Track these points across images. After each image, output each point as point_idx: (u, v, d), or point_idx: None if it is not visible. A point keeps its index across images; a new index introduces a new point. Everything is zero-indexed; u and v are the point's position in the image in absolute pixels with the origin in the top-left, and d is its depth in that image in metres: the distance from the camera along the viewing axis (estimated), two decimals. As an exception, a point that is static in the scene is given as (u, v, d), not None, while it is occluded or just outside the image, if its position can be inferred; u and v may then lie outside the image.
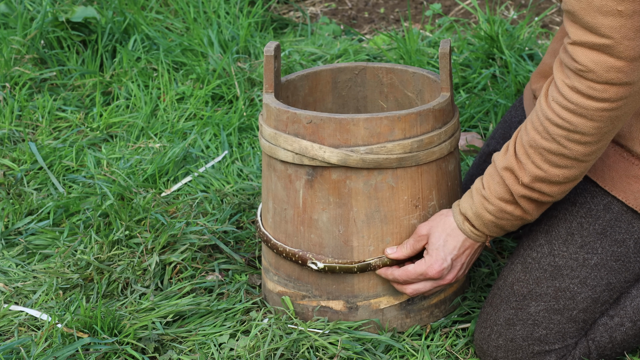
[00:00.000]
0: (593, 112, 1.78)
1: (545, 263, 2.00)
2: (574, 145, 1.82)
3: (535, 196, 1.91)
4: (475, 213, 1.97)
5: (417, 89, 2.27)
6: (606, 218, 1.98)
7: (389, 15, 4.01)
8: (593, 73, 1.74)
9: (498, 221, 1.96)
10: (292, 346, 2.08)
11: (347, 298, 2.14)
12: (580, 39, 1.74)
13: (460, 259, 2.03)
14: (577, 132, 1.81)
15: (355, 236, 2.08)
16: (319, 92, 2.32)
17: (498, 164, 1.94)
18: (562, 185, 1.89)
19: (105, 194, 2.63)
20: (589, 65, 1.74)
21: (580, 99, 1.78)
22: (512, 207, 1.94)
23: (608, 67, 1.73)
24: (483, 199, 1.95)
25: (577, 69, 1.76)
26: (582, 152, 1.83)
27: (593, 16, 1.71)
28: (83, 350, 2.08)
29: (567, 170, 1.86)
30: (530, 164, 1.87)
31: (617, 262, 1.98)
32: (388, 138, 2.02)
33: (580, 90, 1.77)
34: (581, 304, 1.98)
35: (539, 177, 1.88)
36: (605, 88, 1.75)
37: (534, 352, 1.99)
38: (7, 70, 3.36)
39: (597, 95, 1.76)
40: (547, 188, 1.89)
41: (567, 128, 1.81)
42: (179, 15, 3.76)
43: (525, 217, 1.95)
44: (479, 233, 2.00)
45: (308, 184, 2.07)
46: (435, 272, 2.02)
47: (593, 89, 1.76)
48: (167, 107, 3.18)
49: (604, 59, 1.73)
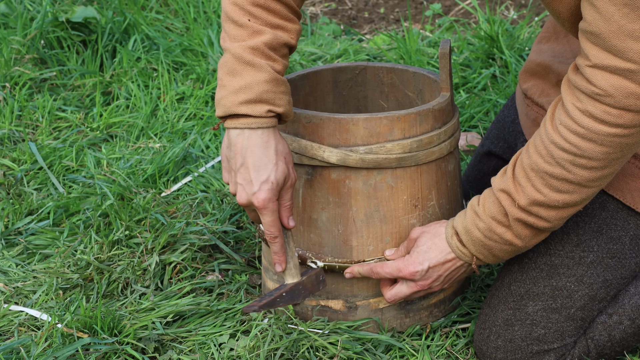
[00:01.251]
0: (604, 137, 1.74)
1: (542, 262, 2.00)
2: (579, 170, 1.79)
3: (531, 220, 1.87)
4: (465, 228, 1.95)
5: (418, 89, 2.27)
6: (602, 216, 1.98)
7: (389, 15, 4.02)
8: (612, 98, 1.71)
9: (486, 241, 1.93)
10: (292, 346, 2.08)
11: (347, 297, 2.13)
12: (603, 63, 1.70)
13: (437, 270, 2.00)
14: (584, 157, 1.78)
15: (355, 236, 2.08)
16: (320, 91, 2.32)
17: (495, 186, 1.92)
18: (561, 210, 1.86)
19: (105, 194, 2.63)
20: (609, 89, 1.70)
21: (593, 123, 1.74)
22: (503, 230, 1.90)
23: (628, 93, 1.70)
24: (475, 215, 1.93)
25: (594, 93, 1.72)
26: (587, 178, 1.80)
27: (622, 40, 1.67)
28: (83, 350, 2.08)
29: (568, 196, 1.83)
30: (530, 187, 1.85)
31: (613, 259, 1.98)
32: (387, 138, 2.02)
33: (594, 114, 1.73)
34: (578, 302, 1.98)
35: (538, 201, 1.85)
36: (621, 114, 1.72)
37: (533, 351, 1.99)
38: (7, 70, 3.36)
39: (612, 121, 1.73)
40: (545, 212, 1.86)
41: (574, 153, 1.78)
42: (179, 15, 3.77)
43: (515, 242, 1.91)
44: (465, 250, 1.97)
45: (307, 183, 2.07)
46: (408, 273, 2.01)
47: (608, 114, 1.72)
48: (167, 107, 3.18)
49: (625, 84, 1.69)
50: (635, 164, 1.95)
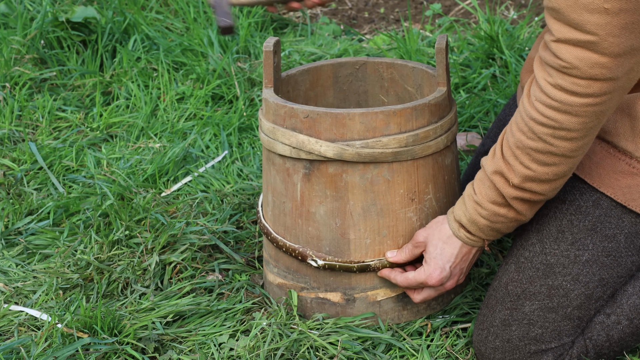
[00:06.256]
0: (578, 108, 1.78)
1: (538, 262, 2.00)
2: (561, 142, 1.83)
3: (527, 196, 1.91)
4: (470, 219, 1.97)
5: (417, 84, 2.29)
6: (595, 214, 1.99)
7: (389, 15, 4.02)
8: (577, 69, 1.75)
9: (493, 225, 1.96)
10: (292, 346, 2.08)
11: (345, 290, 2.15)
12: (565, 36, 1.75)
13: (458, 266, 2.04)
14: (562, 129, 1.81)
15: (352, 229, 2.09)
16: (320, 86, 2.34)
17: (487, 168, 1.94)
18: (553, 182, 1.89)
19: (105, 194, 2.63)
20: (573, 62, 1.75)
21: (564, 95, 1.78)
22: (506, 210, 1.94)
23: (592, 64, 1.74)
24: (476, 204, 1.96)
25: (561, 66, 1.77)
26: (569, 148, 1.84)
27: (579, 13, 1.72)
28: (83, 350, 2.08)
29: (555, 168, 1.87)
30: (519, 164, 1.88)
31: (609, 258, 1.99)
32: (384, 132, 2.03)
33: (564, 87, 1.78)
34: (575, 301, 1.98)
35: (529, 176, 1.88)
36: (589, 84, 1.76)
37: (531, 351, 1.99)
38: (7, 70, 3.36)
39: (581, 91, 1.77)
40: (538, 187, 1.89)
41: (553, 126, 1.82)
42: (179, 15, 3.77)
43: (519, 218, 1.95)
44: (475, 238, 2.00)
45: (305, 177, 2.08)
46: (435, 281, 2.04)
47: (577, 85, 1.76)
48: (167, 107, 3.18)
49: (588, 55, 1.74)
50: (625, 161, 1.96)
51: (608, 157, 1.97)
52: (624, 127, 1.95)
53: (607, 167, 1.97)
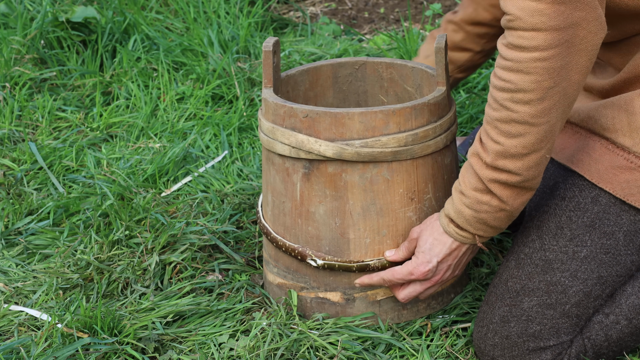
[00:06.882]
0: (527, 64, 1.80)
1: (537, 258, 2.01)
2: (519, 106, 1.83)
3: (503, 178, 1.89)
4: (456, 210, 1.97)
5: (417, 84, 2.29)
6: (594, 210, 1.99)
7: (389, 15, 4.02)
8: (520, 20, 1.78)
9: (478, 215, 1.95)
10: (292, 346, 2.08)
11: (345, 290, 2.15)
12: None
13: (446, 261, 2.03)
14: (519, 91, 1.82)
15: (352, 229, 2.09)
16: (320, 86, 2.34)
17: (468, 154, 1.97)
18: (524, 158, 1.87)
19: (105, 194, 2.63)
20: (516, 12, 1.78)
21: (513, 52, 1.80)
22: (488, 197, 1.93)
23: (532, 11, 1.77)
24: (460, 194, 1.96)
25: (508, 20, 1.80)
26: (530, 113, 1.83)
27: None
28: (83, 350, 2.08)
29: (522, 139, 1.86)
30: (490, 141, 1.89)
31: (607, 255, 1.99)
32: (383, 132, 2.03)
33: (512, 43, 1.80)
34: (573, 298, 1.99)
35: (499, 152, 1.87)
36: (532, 35, 1.78)
37: (530, 348, 1.99)
38: (7, 70, 3.36)
39: (527, 44, 1.79)
40: (511, 164, 1.88)
41: (510, 89, 1.83)
42: (179, 15, 3.77)
43: (503, 206, 1.93)
44: (464, 233, 1.99)
45: (305, 177, 2.08)
46: (420, 274, 2.03)
47: (522, 37, 1.79)
48: (167, 107, 3.18)
49: (527, 3, 1.77)
50: (623, 156, 1.97)
51: (606, 153, 1.98)
52: (621, 123, 1.96)
53: (606, 162, 1.98)
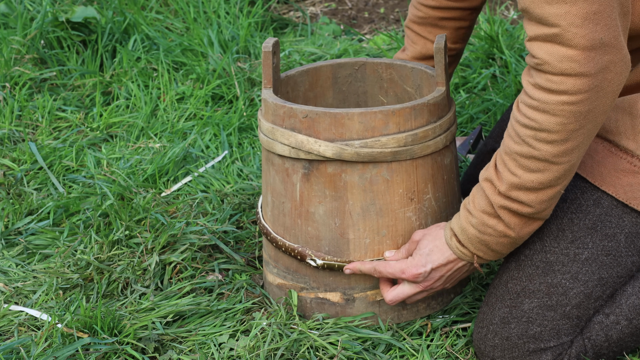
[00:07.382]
0: (554, 106, 1.80)
1: (537, 259, 2.01)
2: (542, 145, 1.83)
3: (514, 207, 1.90)
4: (460, 227, 1.98)
5: (416, 84, 2.29)
6: (596, 213, 1.99)
7: (389, 15, 4.02)
8: (548, 65, 1.78)
9: (481, 236, 1.95)
10: (292, 346, 2.08)
11: (344, 290, 2.15)
12: (535, 33, 1.79)
13: (439, 270, 2.03)
14: (543, 131, 1.82)
15: (351, 229, 2.09)
16: (320, 87, 2.34)
17: (480, 177, 1.96)
18: (539, 192, 1.88)
19: (105, 194, 2.63)
20: (544, 57, 1.78)
21: (541, 94, 1.80)
22: (495, 221, 1.93)
23: (561, 57, 1.76)
24: (467, 212, 1.96)
25: (536, 64, 1.80)
26: (551, 153, 1.84)
27: (541, 7, 1.76)
28: (83, 350, 2.08)
29: (540, 175, 1.86)
30: (506, 171, 1.89)
31: (608, 257, 1.99)
32: (382, 132, 2.03)
33: (540, 84, 1.80)
34: (574, 300, 1.98)
35: (515, 184, 1.88)
36: (561, 80, 1.77)
37: (530, 350, 1.99)
38: (7, 70, 3.36)
39: (555, 88, 1.78)
40: (524, 196, 1.88)
41: (534, 127, 1.83)
42: (179, 15, 3.77)
43: (508, 233, 1.93)
44: (464, 250, 1.99)
45: (304, 177, 2.08)
46: (411, 275, 2.03)
47: (551, 81, 1.78)
48: (167, 107, 3.18)
49: (556, 49, 1.76)
50: (626, 159, 1.97)
51: (609, 156, 1.98)
52: (625, 126, 1.96)
53: (609, 165, 1.98)
